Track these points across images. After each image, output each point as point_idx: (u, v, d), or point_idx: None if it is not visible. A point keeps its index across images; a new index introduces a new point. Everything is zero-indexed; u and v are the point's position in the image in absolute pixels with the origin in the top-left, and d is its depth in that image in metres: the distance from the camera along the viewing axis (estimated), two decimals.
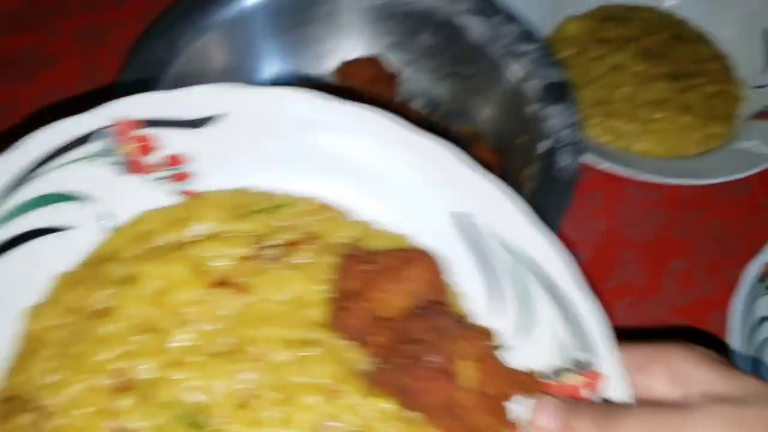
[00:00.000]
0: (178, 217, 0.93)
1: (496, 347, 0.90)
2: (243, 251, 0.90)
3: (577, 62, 1.80)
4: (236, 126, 0.93)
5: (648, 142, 1.70)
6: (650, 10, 1.96)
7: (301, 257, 0.92)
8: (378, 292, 0.88)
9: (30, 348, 0.84)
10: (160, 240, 0.91)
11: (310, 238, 0.93)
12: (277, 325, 0.86)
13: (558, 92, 1.35)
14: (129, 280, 0.87)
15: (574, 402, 0.87)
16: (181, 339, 0.85)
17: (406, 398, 0.84)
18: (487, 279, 0.95)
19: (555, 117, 1.31)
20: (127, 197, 0.92)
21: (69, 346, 0.83)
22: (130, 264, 0.88)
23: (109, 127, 0.88)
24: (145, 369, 0.83)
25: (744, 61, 1.83)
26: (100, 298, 0.86)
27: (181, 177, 0.94)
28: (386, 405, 0.84)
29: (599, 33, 1.86)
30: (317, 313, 0.89)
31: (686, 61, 1.84)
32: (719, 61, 1.86)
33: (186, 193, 0.95)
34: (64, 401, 0.80)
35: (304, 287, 0.89)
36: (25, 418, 0.80)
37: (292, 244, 0.92)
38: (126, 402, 0.81)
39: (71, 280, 0.88)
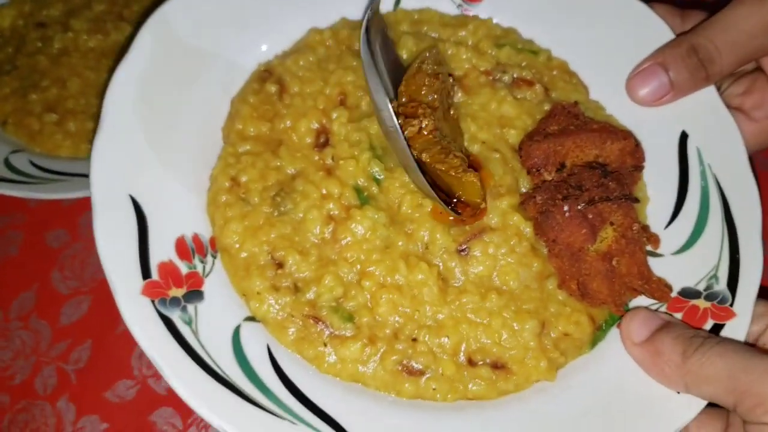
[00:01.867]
0: (450, 23, 1.09)
1: (647, 239, 0.94)
2: (483, 66, 1.04)
3: (19, 62, 1.48)
4: None
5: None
6: None
7: (524, 94, 1.03)
8: (573, 143, 0.96)
9: (298, 48, 1.05)
10: (428, 31, 1.08)
11: (541, 85, 1.04)
12: (476, 124, 0.99)
13: None
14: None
15: (666, 320, 0.88)
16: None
17: (544, 226, 0.92)
18: (678, 197, 0.99)
19: None
20: None
21: (323, 61, 1.04)
22: (398, 34, 1.06)
23: None
24: (362, 97, 1.00)
25: None
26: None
27: None
28: (525, 224, 0.93)
29: (40, 14, 1.53)
30: (513, 135, 1.00)
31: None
32: None
33: (465, 11, 1.11)
34: (301, 89, 1.00)
35: (514, 113, 1.01)
36: (271, 88, 1.01)
37: (524, 81, 1.04)
38: (336, 113, 0.98)
39: (351, 24, 1.08)
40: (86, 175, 1.17)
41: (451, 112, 0.98)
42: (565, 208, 0.91)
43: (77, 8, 1.54)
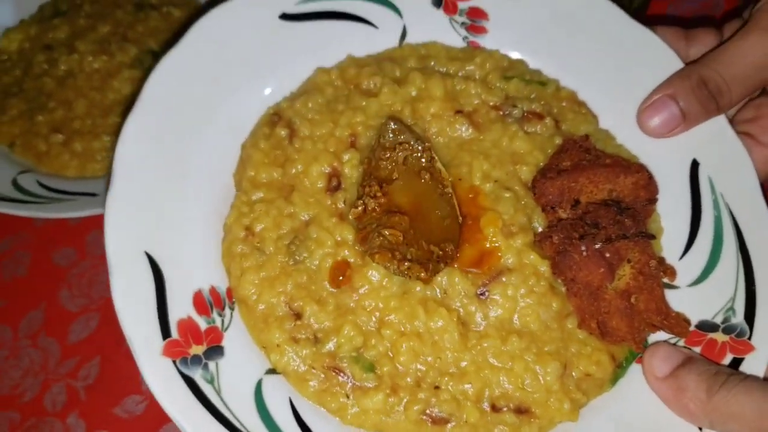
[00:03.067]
0: (457, 56, 1.08)
1: (664, 272, 0.94)
2: (493, 100, 1.03)
3: (26, 85, 1.50)
4: (535, 10, 1.07)
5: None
6: None
7: (535, 127, 1.03)
8: (586, 179, 0.96)
9: (306, 89, 1.04)
10: (435, 65, 1.08)
11: (551, 117, 1.04)
12: (489, 162, 0.98)
13: None
14: (398, 81, 1.04)
15: (688, 354, 0.88)
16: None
17: (561, 265, 0.92)
18: (692, 227, 0.99)
19: None
20: (427, 26, 1.09)
21: (332, 102, 1.03)
22: (405, 70, 1.05)
23: None
24: (370, 136, 1.00)
25: None
26: (372, 81, 1.04)
27: (474, 29, 1.10)
28: (542, 263, 0.92)
29: (46, 36, 1.55)
30: (525, 172, 0.99)
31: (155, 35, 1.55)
32: None
33: (472, 43, 1.10)
34: (311, 132, 0.99)
35: (526, 149, 1.00)
36: (282, 132, 1.00)
37: (534, 115, 1.03)
38: (348, 156, 0.98)
39: (357, 62, 1.07)
40: (93, 194, 1.34)
41: (425, 175, 0.96)
42: (583, 247, 0.91)
43: (82, 30, 1.56)
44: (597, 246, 0.90)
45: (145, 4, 1.61)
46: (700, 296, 0.95)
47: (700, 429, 0.86)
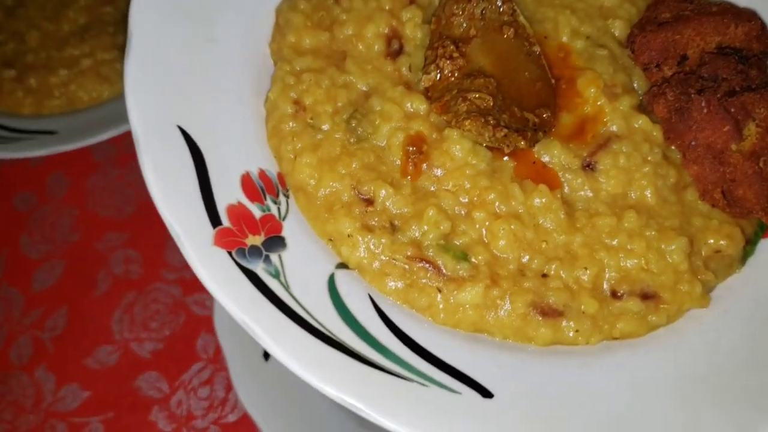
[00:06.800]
0: None
1: None
2: None
3: None
4: None
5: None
6: None
7: None
8: (692, 30, 0.81)
9: None
10: None
11: None
12: (576, 17, 0.83)
13: None
14: None
15: None
16: None
17: (679, 126, 0.77)
18: None
19: None
20: None
21: None
22: None
23: None
24: None
25: None
26: None
27: None
28: (653, 128, 0.78)
29: None
30: (618, 27, 0.84)
31: None
32: None
33: None
34: None
35: (614, 1, 0.85)
36: None
37: None
38: (408, 14, 0.82)
39: None
40: (52, 132, 1.24)
41: (507, 31, 0.80)
42: (703, 103, 0.76)
43: None
44: (720, 100, 0.76)
45: None
46: None
47: None
